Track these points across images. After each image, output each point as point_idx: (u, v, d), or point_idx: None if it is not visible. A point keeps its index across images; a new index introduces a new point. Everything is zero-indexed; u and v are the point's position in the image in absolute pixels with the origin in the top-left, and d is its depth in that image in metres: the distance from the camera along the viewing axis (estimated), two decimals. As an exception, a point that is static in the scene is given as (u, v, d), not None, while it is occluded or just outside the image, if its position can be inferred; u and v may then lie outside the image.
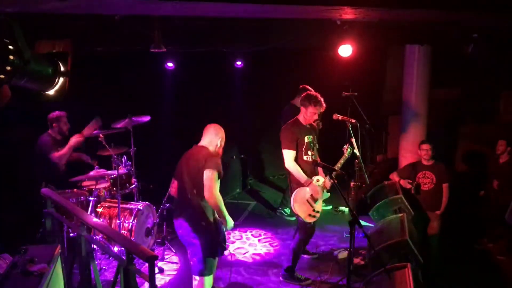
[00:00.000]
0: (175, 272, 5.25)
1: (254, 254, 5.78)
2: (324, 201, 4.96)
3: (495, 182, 6.01)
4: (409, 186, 5.97)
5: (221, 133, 4.26)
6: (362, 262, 5.36)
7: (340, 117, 5.14)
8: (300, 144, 4.80)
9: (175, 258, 5.59)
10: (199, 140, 4.27)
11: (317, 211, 4.80)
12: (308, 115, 4.83)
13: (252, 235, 6.37)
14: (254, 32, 5.42)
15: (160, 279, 5.03)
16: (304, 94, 4.92)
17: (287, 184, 5.22)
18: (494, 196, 6.05)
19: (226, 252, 4.58)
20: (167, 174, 6.06)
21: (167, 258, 5.55)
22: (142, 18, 4.59)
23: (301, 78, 7.73)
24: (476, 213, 6.38)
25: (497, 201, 5.94)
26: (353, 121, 5.19)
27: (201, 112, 7.75)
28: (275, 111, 8.23)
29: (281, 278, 5.04)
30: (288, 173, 4.86)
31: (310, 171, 4.81)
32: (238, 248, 5.93)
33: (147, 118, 5.77)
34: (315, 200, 4.75)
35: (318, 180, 4.70)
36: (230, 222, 4.04)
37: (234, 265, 5.34)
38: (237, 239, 6.21)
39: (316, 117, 4.89)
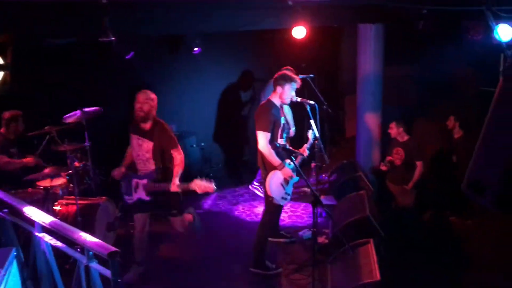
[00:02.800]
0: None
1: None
2: None
3: (454, 157, 6.22)
4: (385, 168, 6.15)
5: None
6: (326, 241, 5.44)
7: (299, 99, 5.14)
8: (277, 127, 4.75)
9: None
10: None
11: (289, 194, 4.83)
12: (286, 94, 4.78)
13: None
14: (207, 15, 5.32)
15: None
16: (277, 74, 4.86)
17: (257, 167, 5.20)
18: (454, 171, 6.24)
19: None
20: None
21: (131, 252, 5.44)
22: (90, 6, 4.41)
23: (256, 61, 7.73)
24: (442, 187, 6.60)
25: (458, 175, 6.15)
26: (311, 102, 5.19)
27: (159, 102, 7.60)
28: (232, 96, 8.20)
29: (250, 268, 4.97)
30: (261, 155, 4.80)
31: (282, 154, 4.80)
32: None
33: (99, 111, 5.59)
34: (287, 183, 4.77)
35: (290, 164, 4.71)
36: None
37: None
38: None
39: (293, 93, 4.87)
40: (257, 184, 7.21)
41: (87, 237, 3.11)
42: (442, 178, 6.56)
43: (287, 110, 5.69)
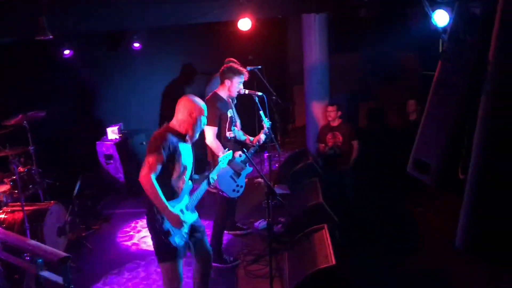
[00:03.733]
0: (105, 268, 5.04)
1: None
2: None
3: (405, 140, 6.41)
4: (327, 151, 6.25)
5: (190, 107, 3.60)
6: (282, 230, 5.50)
7: (247, 91, 5.13)
8: (224, 120, 4.71)
9: (95, 254, 5.36)
10: (98, 129, 4.07)
11: (241, 186, 4.82)
12: (234, 86, 4.76)
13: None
14: (150, 9, 5.21)
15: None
16: (224, 67, 4.82)
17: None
18: (406, 153, 6.41)
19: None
20: (73, 169, 5.78)
21: (86, 257, 5.30)
22: (26, 4, 4.22)
23: (202, 55, 7.66)
24: (390, 169, 6.80)
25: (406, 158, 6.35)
26: (259, 94, 5.21)
27: (104, 100, 7.41)
28: (178, 90, 8.10)
29: None
30: (209, 149, 4.76)
31: (233, 147, 4.76)
32: (144, 237, 5.72)
33: (42, 114, 5.38)
34: (239, 175, 4.76)
35: (240, 156, 4.70)
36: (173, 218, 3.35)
37: (138, 258, 5.20)
38: (144, 228, 5.90)
39: (241, 86, 4.84)
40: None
41: (35, 245, 3.01)
42: (387, 162, 6.78)
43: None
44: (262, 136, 5.03)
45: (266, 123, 5.07)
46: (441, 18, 4.04)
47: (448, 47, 2.58)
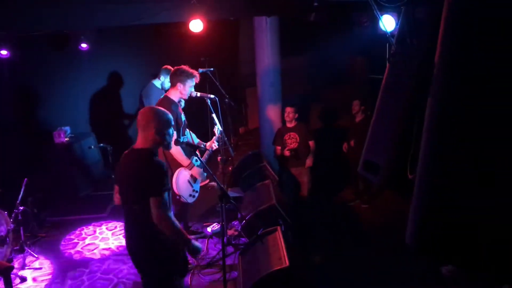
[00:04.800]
0: (49, 277, 4.85)
1: (103, 249, 5.45)
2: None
3: (352, 141, 6.55)
4: (288, 153, 6.29)
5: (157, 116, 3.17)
6: (236, 233, 5.48)
7: (199, 94, 5.08)
8: (179, 124, 4.63)
9: (40, 263, 5.15)
10: (43, 133, 3.89)
11: (196, 191, 4.80)
12: (186, 90, 4.69)
13: (106, 228, 6.03)
14: (98, 9, 5.05)
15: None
16: (174, 71, 4.74)
17: None
18: (352, 153, 6.56)
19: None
20: (15, 174, 5.51)
21: (30, 265, 5.07)
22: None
23: (153, 57, 7.54)
24: (340, 168, 6.94)
25: (356, 158, 6.50)
26: (212, 96, 5.17)
27: (50, 103, 7.13)
28: (128, 93, 7.93)
29: None
30: (164, 154, 4.65)
31: (188, 152, 4.69)
32: (88, 244, 5.59)
33: None
34: (195, 180, 4.72)
35: (197, 160, 4.64)
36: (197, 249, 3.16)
37: (81, 265, 5.06)
38: (89, 235, 5.84)
39: (193, 89, 4.78)
40: None
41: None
42: (339, 162, 6.92)
43: None
44: (215, 143, 4.99)
45: (218, 127, 5.04)
46: (388, 23, 4.16)
47: (395, 50, 2.65)
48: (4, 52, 6.16)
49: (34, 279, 4.81)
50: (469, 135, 2.26)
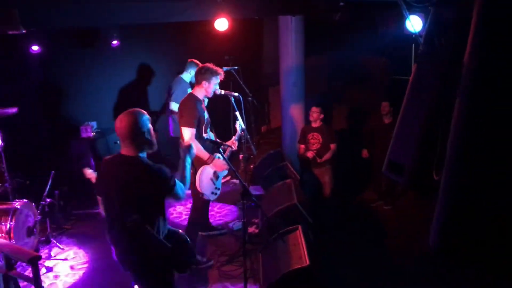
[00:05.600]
0: (85, 265, 4.99)
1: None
2: None
3: (380, 142, 6.51)
4: (311, 155, 6.28)
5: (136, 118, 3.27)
6: (257, 231, 5.51)
7: (223, 91, 5.12)
8: (201, 122, 4.66)
9: (74, 252, 5.30)
10: (70, 128, 3.98)
11: (218, 188, 4.81)
12: (211, 87, 4.72)
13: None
14: (126, 7, 5.14)
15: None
16: (199, 69, 4.77)
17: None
18: (378, 154, 6.53)
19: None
20: (43, 167, 5.65)
21: (55, 256, 5.19)
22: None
23: (179, 54, 7.61)
24: (363, 169, 6.91)
25: (381, 159, 6.45)
26: (236, 94, 5.21)
27: (77, 98, 7.27)
28: (153, 89, 8.03)
29: None
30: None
31: (210, 149, 4.72)
32: None
33: (13, 110, 5.24)
34: (217, 177, 4.75)
35: (219, 157, 4.68)
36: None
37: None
38: None
39: (217, 87, 4.83)
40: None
41: (4, 244, 2.93)
42: (361, 163, 6.89)
43: None
44: (235, 142, 5.03)
45: (241, 124, 5.07)
46: (414, 23, 4.13)
47: (423, 51, 2.64)
48: (35, 48, 6.30)
49: (71, 267, 4.96)
50: (498, 136, 2.24)
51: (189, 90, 6.33)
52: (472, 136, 2.27)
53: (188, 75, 6.58)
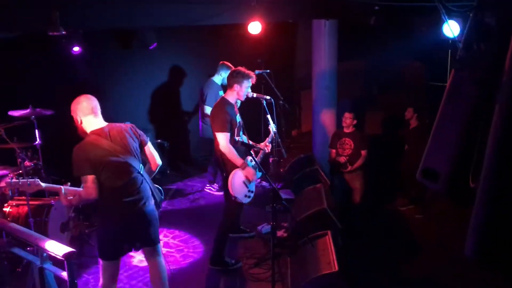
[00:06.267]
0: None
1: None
2: None
3: (406, 146, 6.43)
4: (343, 160, 6.25)
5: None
6: (285, 235, 5.49)
7: (255, 94, 5.13)
8: (233, 125, 4.66)
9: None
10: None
11: (252, 191, 4.80)
12: (243, 90, 4.73)
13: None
14: (162, 9, 5.23)
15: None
16: (231, 72, 4.80)
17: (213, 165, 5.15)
18: (406, 159, 6.43)
19: None
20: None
21: (87, 253, 5.31)
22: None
23: (213, 57, 7.69)
24: (393, 175, 6.81)
25: (409, 164, 6.36)
26: (268, 98, 5.22)
27: (112, 99, 7.42)
28: (186, 91, 8.13)
29: (209, 264, 4.93)
30: (220, 155, 4.69)
31: (243, 152, 4.73)
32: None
33: (49, 112, 5.40)
34: (250, 181, 4.75)
35: (251, 161, 4.68)
36: None
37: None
38: None
39: (249, 90, 4.84)
40: (209, 186, 7.19)
41: (40, 238, 3.01)
42: (393, 169, 6.78)
43: None
44: (268, 144, 5.02)
45: (273, 127, 5.07)
46: (453, 28, 4.05)
47: (461, 56, 2.59)
48: (76, 49, 6.46)
49: (90, 267, 5.02)
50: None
51: (221, 93, 6.40)
52: (511, 144, 2.21)
53: (219, 78, 6.64)
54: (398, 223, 6.17)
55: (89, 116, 3.66)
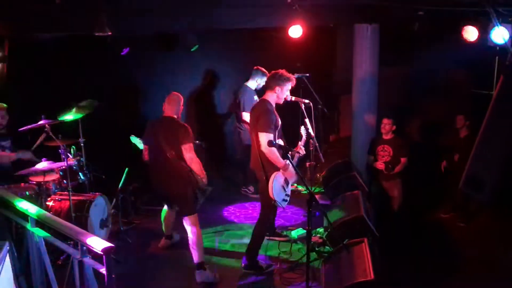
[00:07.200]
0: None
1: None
2: None
3: (456, 156, 6.23)
4: (382, 167, 6.16)
5: (182, 100, 5.00)
6: (320, 240, 5.44)
7: (294, 98, 5.11)
8: (276, 127, 4.66)
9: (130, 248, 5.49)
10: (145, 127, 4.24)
11: (288, 195, 4.78)
12: (283, 93, 4.73)
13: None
14: (204, 13, 5.29)
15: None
16: (272, 74, 4.79)
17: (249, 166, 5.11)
18: (455, 169, 6.22)
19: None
20: (119, 164, 5.93)
21: (123, 249, 5.42)
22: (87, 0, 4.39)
23: (252, 60, 7.73)
24: (436, 184, 6.63)
25: (457, 173, 6.16)
26: (306, 101, 5.19)
27: (150, 99, 7.57)
28: (223, 93, 8.20)
29: (243, 268, 4.93)
30: (260, 157, 4.64)
31: (281, 155, 4.69)
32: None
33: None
34: (287, 184, 4.73)
35: (288, 164, 4.66)
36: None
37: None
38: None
39: (289, 93, 4.84)
40: (245, 188, 7.20)
41: (81, 233, 3.09)
42: (435, 178, 6.60)
43: None
44: (302, 148, 4.99)
45: (305, 130, 5.03)
46: (502, 34, 3.91)
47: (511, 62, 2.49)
48: (124, 50, 6.60)
49: (126, 263, 5.13)
50: None
51: (256, 98, 6.41)
52: None
53: (253, 83, 6.66)
54: (439, 234, 5.97)
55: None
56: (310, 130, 5.08)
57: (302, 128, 5.01)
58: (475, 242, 5.64)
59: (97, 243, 2.91)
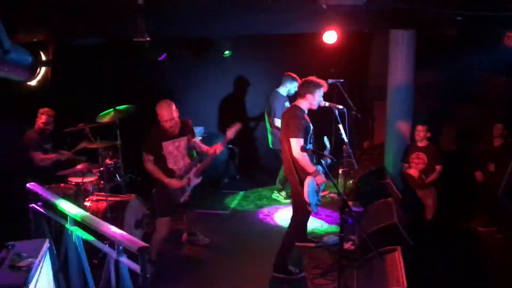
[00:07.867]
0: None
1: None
2: None
3: (491, 165, 6.08)
4: (417, 174, 6.07)
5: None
6: (352, 247, 5.39)
7: (327, 103, 5.10)
8: (306, 133, 4.66)
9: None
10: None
11: (320, 200, 4.78)
12: (315, 100, 4.74)
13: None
14: (238, 19, 5.35)
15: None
16: (303, 82, 4.79)
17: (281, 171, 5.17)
18: (489, 178, 6.08)
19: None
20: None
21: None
22: (125, 6, 4.50)
23: (286, 65, 7.77)
24: (470, 194, 6.47)
25: (492, 183, 6.02)
26: (340, 107, 5.17)
27: (185, 103, 7.70)
28: (256, 98, 8.24)
29: (273, 273, 4.90)
30: (293, 162, 4.65)
31: (312, 159, 4.70)
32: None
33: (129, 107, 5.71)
34: (319, 189, 4.73)
35: (320, 168, 4.66)
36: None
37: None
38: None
39: (322, 99, 4.85)
40: (277, 193, 7.21)
41: (118, 232, 3.18)
42: (471, 187, 6.44)
43: None
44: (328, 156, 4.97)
45: (344, 137, 5.01)
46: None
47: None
48: (161, 55, 6.75)
49: (159, 264, 5.19)
50: None
51: (287, 104, 6.42)
52: None
53: (284, 89, 6.67)
54: (474, 244, 5.81)
55: None
56: (344, 136, 5.05)
57: (325, 138, 4.98)
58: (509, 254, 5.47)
59: (133, 242, 2.99)
